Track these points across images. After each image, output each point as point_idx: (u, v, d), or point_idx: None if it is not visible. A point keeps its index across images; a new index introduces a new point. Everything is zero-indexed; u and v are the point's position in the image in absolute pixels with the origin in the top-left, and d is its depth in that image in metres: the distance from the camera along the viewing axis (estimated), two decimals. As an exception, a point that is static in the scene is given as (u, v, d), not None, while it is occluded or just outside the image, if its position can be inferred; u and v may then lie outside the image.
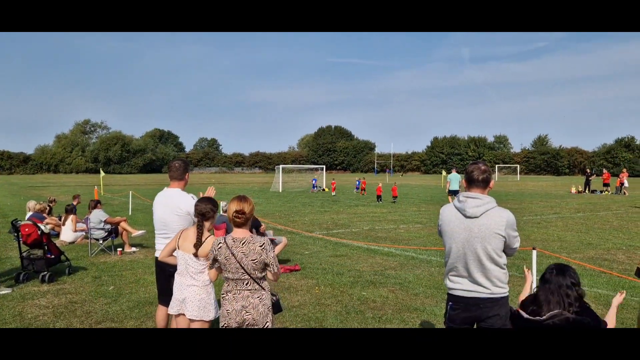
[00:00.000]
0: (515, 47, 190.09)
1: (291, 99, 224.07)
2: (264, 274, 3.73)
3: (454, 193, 21.45)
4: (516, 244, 3.48)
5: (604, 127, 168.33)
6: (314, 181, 37.78)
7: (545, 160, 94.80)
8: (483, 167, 3.52)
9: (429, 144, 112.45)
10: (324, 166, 45.34)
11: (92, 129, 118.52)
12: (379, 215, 18.49)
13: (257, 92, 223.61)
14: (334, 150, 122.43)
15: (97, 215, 10.85)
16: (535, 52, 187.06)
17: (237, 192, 33.03)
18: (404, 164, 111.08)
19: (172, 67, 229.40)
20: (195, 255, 4.16)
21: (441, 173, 49.31)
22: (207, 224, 4.31)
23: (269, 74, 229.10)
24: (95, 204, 11.16)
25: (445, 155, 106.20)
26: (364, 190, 32.35)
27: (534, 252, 5.73)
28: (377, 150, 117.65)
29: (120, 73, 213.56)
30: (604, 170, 38.16)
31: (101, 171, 33.64)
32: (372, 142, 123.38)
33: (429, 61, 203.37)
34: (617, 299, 3.85)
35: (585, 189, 34.61)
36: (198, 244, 4.15)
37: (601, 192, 33.58)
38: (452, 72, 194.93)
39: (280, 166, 39.78)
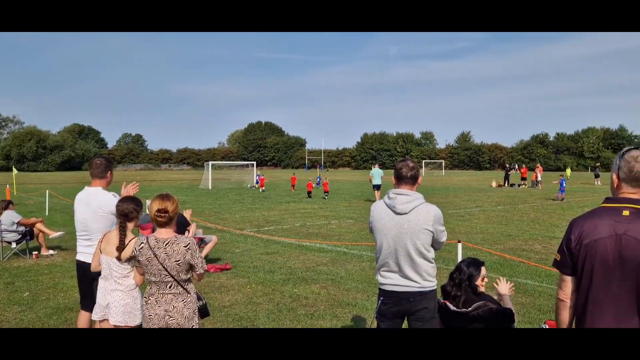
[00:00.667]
0: (439, 47, 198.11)
1: (220, 94, 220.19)
2: (189, 276, 3.56)
3: (376, 187, 22.33)
4: (443, 238, 3.56)
5: (521, 124, 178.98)
6: (257, 176, 37.22)
7: (468, 155, 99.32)
8: (411, 164, 3.58)
9: (359, 140, 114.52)
10: (255, 162, 44.86)
11: (3, 123, 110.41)
12: (310, 212, 18.55)
13: (184, 86, 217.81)
14: (265, 146, 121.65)
15: (9, 217, 10.07)
16: (458, 52, 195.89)
17: (164, 190, 32.00)
18: (334, 159, 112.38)
19: (91, 59, 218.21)
20: (119, 258, 3.93)
21: (371, 169, 50.32)
22: (130, 225, 4.08)
23: (196, 68, 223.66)
24: (7, 205, 10.34)
25: (375, 151, 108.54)
26: (294, 186, 32.40)
27: (459, 245, 5.93)
28: (308, 146, 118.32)
29: (31, 64, 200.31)
30: (522, 165, 40.62)
31: (14, 169, 31.35)
32: (302, 138, 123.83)
33: (358, 58, 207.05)
34: (504, 288, 3.85)
35: (504, 183, 36.61)
36: (120, 247, 3.92)
37: (519, 185, 35.66)
38: (380, 69, 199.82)
39: (210, 163, 38.99)
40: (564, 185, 24.65)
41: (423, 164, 77.66)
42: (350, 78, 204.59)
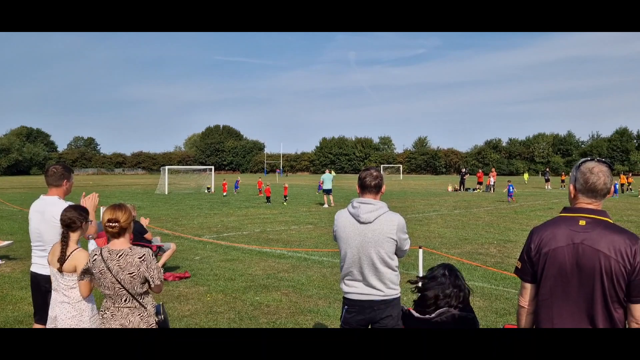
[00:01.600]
0: (397, 53, 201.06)
1: (177, 97, 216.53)
2: (145, 288, 3.44)
3: (327, 192, 23.08)
4: (407, 245, 3.60)
5: (475, 130, 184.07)
6: (237, 182, 36.55)
7: (425, 160, 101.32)
8: (375, 173, 3.60)
9: (318, 145, 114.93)
10: (213, 167, 44.25)
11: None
12: (269, 217, 18.44)
13: (139, 89, 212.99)
14: (223, 150, 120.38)
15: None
16: (415, 58, 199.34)
17: (118, 195, 31.19)
18: (293, 164, 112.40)
19: (38, 58, 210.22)
20: (60, 270, 3.77)
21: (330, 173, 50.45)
22: (73, 236, 3.88)
23: (152, 70, 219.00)
24: (-51, 213, 9.79)
25: (333, 155, 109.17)
26: (261, 190, 32.13)
27: (420, 251, 6.02)
28: (267, 151, 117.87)
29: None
30: (479, 170, 41.77)
31: (-44, 174, 29.73)
32: (261, 142, 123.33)
33: (316, 62, 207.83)
34: None
35: (460, 187, 37.50)
36: (62, 259, 3.76)
37: (474, 190, 36.60)
38: (339, 74, 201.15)
39: (166, 167, 38.16)
40: (512, 190, 26.08)
41: (382, 168, 78.60)
42: (309, 82, 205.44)
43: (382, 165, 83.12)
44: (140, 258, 3.34)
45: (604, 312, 2.29)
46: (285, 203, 24.58)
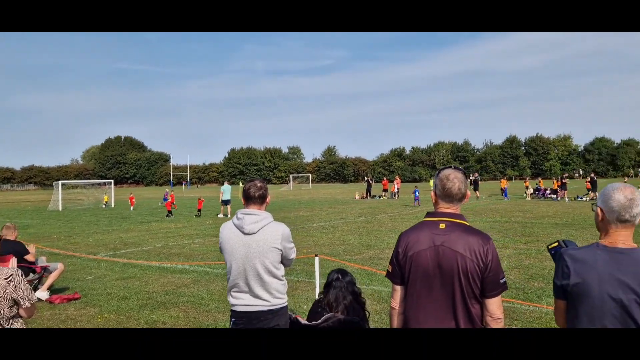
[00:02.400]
0: (305, 63, 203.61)
1: (73, 106, 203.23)
2: (14, 312, 3.18)
3: (225, 203, 23.59)
4: (292, 255, 3.62)
5: (381, 138, 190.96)
6: (165, 194, 34.45)
7: (334, 169, 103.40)
8: (259, 184, 3.60)
9: (227, 155, 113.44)
10: (112, 180, 42.02)
11: None
12: (173, 231, 17.82)
13: (29, 98, 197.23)
14: (125, 162, 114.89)
15: None
16: (323, 69, 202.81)
17: (4, 213, 28.60)
18: (201, 175, 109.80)
19: None
20: None
21: (239, 184, 50.06)
22: None
23: (44, 78, 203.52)
24: None
25: (242, 166, 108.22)
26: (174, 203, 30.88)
27: (317, 259, 6.09)
28: (173, 162, 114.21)
29: None
30: (384, 178, 43.37)
31: None
32: (167, 153, 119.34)
33: (224, 72, 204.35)
34: None
35: (366, 195, 38.65)
36: None
37: (379, 197, 37.90)
38: (247, 83, 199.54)
39: (60, 182, 35.63)
40: (417, 195, 27.65)
41: (291, 178, 79.11)
42: (217, 92, 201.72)
43: (291, 175, 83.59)
44: (6, 279, 3.08)
45: (463, 308, 2.44)
46: (197, 216, 23.94)
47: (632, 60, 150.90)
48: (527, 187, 35.82)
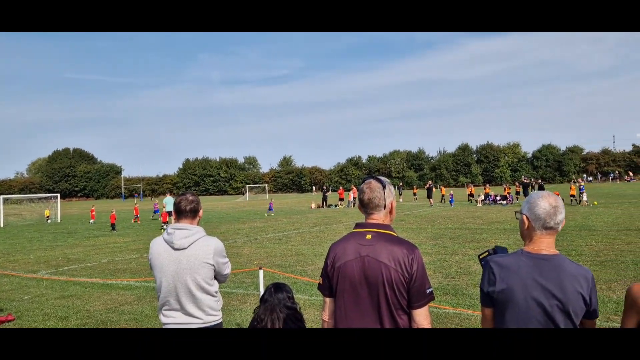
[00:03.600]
0: (261, 73, 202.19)
1: (18, 117, 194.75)
2: None
3: (171, 213, 22.88)
4: (227, 270, 3.49)
5: (337, 147, 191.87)
6: (155, 205, 33.06)
7: (290, 178, 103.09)
8: (190, 198, 3.47)
9: (181, 166, 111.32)
10: (59, 194, 40.37)
11: None
12: (121, 245, 17.22)
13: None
14: (74, 175, 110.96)
15: None
16: (280, 79, 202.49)
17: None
18: (155, 187, 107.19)
19: None
20: None
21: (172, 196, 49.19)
22: None
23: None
24: None
25: (197, 177, 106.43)
26: (138, 217, 29.98)
27: (260, 272, 5.95)
28: (125, 174, 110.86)
29: None
30: (339, 187, 43.55)
31: None
32: (118, 165, 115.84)
33: (178, 82, 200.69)
34: None
35: (323, 204, 38.69)
36: None
37: (335, 206, 38.01)
38: (202, 93, 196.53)
39: (1, 196, 33.94)
40: None
41: (247, 189, 78.38)
42: (172, 102, 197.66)
43: (247, 186, 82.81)
44: None
45: (390, 319, 2.40)
46: (162, 229, 23.34)
47: (576, 70, 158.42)
48: (475, 194, 36.92)
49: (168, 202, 22.97)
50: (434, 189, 37.28)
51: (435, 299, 2.61)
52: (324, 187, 44.04)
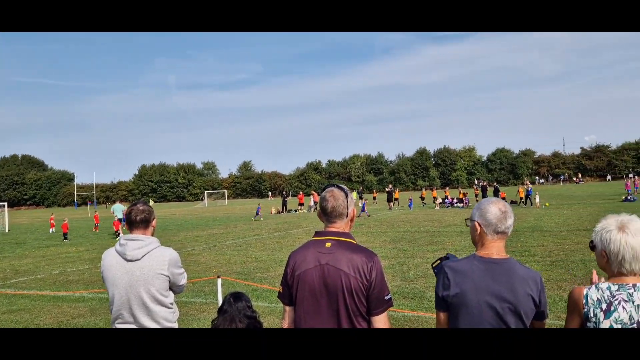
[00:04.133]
0: (219, 77, 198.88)
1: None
2: None
3: (121, 220, 23.34)
4: (182, 281, 3.41)
5: (297, 152, 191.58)
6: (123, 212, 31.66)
7: (250, 184, 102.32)
8: (142, 207, 3.36)
9: (137, 173, 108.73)
10: (6, 203, 38.66)
11: None
12: (73, 255, 16.62)
13: None
14: (23, 183, 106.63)
15: None
16: (238, 83, 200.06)
17: None
18: (109, 194, 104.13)
19: None
20: None
21: (148, 201, 48.01)
22: None
23: None
24: None
25: (154, 183, 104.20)
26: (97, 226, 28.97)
27: (219, 281, 5.86)
28: (78, 181, 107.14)
29: None
30: (299, 192, 43.56)
31: None
32: (70, 172, 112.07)
33: (133, 86, 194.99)
34: None
35: (283, 209, 38.56)
36: None
37: (295, 211, 37.96)
38: (159, 98, 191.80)
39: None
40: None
41: (206, 195, 77.25)
42: (127, 106, 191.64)
43: (206, 192, 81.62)
44: None
45: (350, 327, 2.40)
46: (115, 238, 22.63)
47: (528, 76, 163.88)
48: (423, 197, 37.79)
49: (116, 210, 22.46)
50: (393, 193, 37.75)
51: (393, 305, 2.63)
52: (284, 192, 43.95)
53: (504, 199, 33.91)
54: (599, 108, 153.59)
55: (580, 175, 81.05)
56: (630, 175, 54.67)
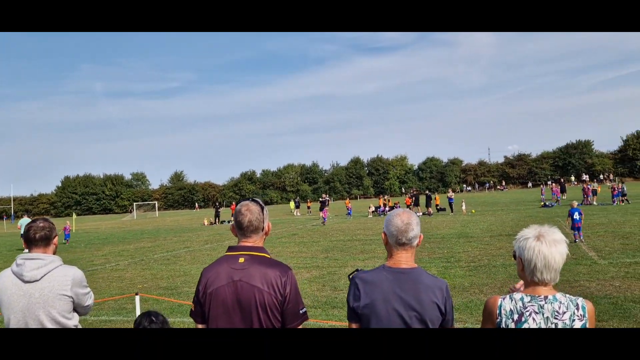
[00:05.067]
0: (149, 85, 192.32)
1: None
2: None
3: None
4: (88, 301, 3.21)
5: (231, 162, 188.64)
6: (66, 228, 28.97)
7: (182, 195, 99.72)
8: (42, 224, 3.13)
9: (60, 184, 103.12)
10: None
11: None
12: None
13: None
14: None
15: None
16: (170, 91, 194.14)
17: None
18: (29, 208, 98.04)
19: None
20: None
21: (72, 215, 45.78)
22: None
23: None
24: None
25: (79, 195, 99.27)
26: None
27: (137, 298, 5.60)
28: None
29: None
30: (232, 202, 42.91)
31: None
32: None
33: (55, 93, 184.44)
34: None
35: (215, 221, 37.83)
36: None
37: (229, 222, 37.33)
38: (84, 105, 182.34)
39: None
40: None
41: (135, 207, 74.46)
42: (49, 115, 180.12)
43: (135, 203, 78.66)
44: None
45: None
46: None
47: (455, 88, 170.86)
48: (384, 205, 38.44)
49: (23, 224, 20.93)
50: (328, 202, 38.05)
51: (308, 318, 2.60)
52: (217, 203, 43.17)
53: (437, 205, 35.28)
54: (521, 118, 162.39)
55: (504, 183, 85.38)
56: (548, 183, 58.12)
